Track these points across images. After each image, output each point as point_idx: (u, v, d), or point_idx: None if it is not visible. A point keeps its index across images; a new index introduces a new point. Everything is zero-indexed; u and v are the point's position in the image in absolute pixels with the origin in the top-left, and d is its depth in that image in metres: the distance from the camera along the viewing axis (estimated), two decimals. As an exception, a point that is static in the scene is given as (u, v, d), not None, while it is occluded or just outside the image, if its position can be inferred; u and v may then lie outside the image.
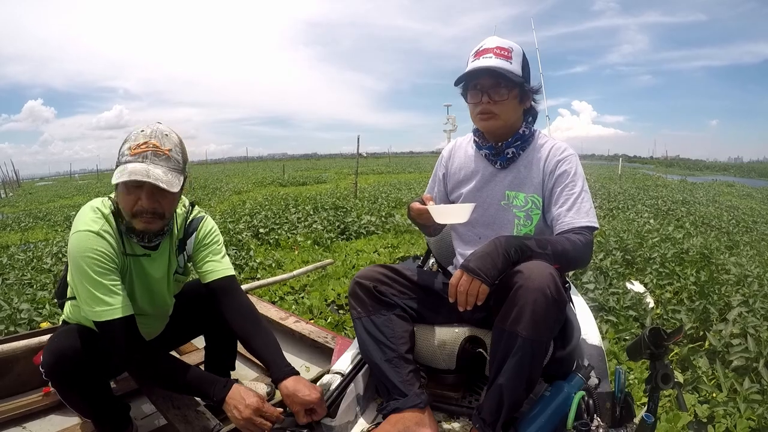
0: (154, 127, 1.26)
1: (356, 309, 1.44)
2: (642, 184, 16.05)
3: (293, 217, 7.31)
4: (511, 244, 1.22)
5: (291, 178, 20.54)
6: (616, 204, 9.55)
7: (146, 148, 1.21)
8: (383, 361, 1.37)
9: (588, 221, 1.34)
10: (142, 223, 1.29)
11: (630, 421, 1.23)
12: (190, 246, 1.49)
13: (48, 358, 1.24)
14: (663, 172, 26.26)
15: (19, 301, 3.23)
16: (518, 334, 1.15)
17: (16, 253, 5.66)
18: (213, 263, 1.48)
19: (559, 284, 1.16)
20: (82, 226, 1.25)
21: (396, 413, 1.31)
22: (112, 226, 1.29)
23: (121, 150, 1.24)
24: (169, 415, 1.41)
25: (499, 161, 1.48)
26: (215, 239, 1.52)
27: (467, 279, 1.18)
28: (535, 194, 1.44)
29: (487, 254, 1.21)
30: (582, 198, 1.37)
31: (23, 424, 1.68)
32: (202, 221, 1.51)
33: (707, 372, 2.39)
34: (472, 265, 1.19)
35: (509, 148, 1.46)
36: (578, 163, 1.44)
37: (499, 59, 1.36)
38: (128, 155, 1.21)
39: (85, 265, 1.22)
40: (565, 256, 1.26)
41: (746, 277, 3.78)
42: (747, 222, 7.93)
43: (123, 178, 1.18)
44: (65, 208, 12.43)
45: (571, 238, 1.30)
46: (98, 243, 1.24)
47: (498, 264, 1.19)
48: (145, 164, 1.20)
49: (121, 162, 1.22)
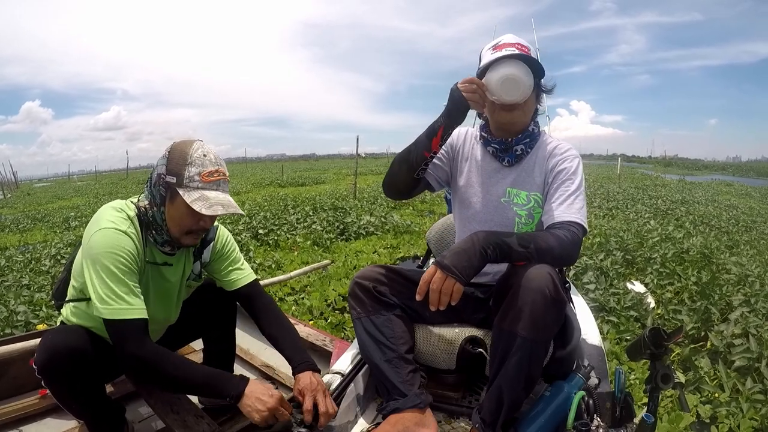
0: (212, 151, 1.29)
1: (356, 309, 1.43)
2: (641, 184, 16.07)
3: (292, 217, 7.30)
4: (489, 241, 1.18)
5: (290, 178, 20.53)
6: (615, 204, 9.56)
7: (219, 176, 1.27)
8: (383, 361, 1.36)
9: (576, 217, 1.29)
10: (192, 239, 1.35)
11: (630, 421, 1.22)
12: (207, 254, 1.52)
13: (41, 355, 1.22)
14: (661, 172, 26.30)
15: (16, 303, 3.21)
16: (517, 334, 1.14)
17: (14, 254, 5.65)
18: (237, 272, 1.55)
19: (558, 284, 1.15)
20: (108, 224, 1.24)
21: (396, 413, 1.30)
22: (137, 231, 1.30)
23: (187, 173, 1.24)
24: (167, 419, 1.39)
25: (507, 158, 1.45)
26: (233, 247, 1.58)
27: (441, 276, 1.14)
28: (537, 192, 1.42)
29: (463, 251, 1.17)
30: (576, 196, 1.34)
31: (19, 427, 1.66)
32: (218, 230, 1.55)
33: (709, 372, 2.38)
34: (446, 262, 1.15)
35: (518, 145, 1.43)
36: (579, 163, 1.41)
37: (522, 54, 1.31)
38: (200, 181, 1.25)
39: (109, 262, 1.20)
40: (549, 252, 1.21)
41: (747, 277, 3.77)
42: (746, 221, 7.93)
43: (218, 210, 1.23)
44: (64, 209, 12.42)
45: (557, 234, 1.25)
46: (125, 242, 1.24)
47: (474, 262, 1.15)
48: (221, 193, 1.28)
49: (191, 187, 1.24)
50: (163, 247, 1.37)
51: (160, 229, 1.32)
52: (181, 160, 1.25)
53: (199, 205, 1.22)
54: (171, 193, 1.26)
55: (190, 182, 1.24)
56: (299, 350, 1.43)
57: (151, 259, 1.36)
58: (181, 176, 1.24)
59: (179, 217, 1.28)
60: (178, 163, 1.25)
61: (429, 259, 2.15)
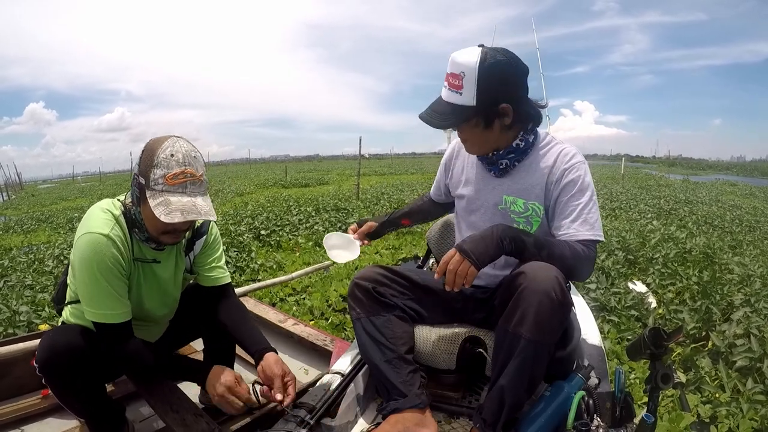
0: (182, 150, 1.22)
1: (355, 310, 1.44)
2: (644, 184, 16.01)
3: (295, 218, 7.31)
4: (506, 233, 1.21)
5: (293, 179, 20.56)
6: (618, 204, 9.53)
7: (184, 178, 1.20)
8: (383, 361, 1.37)
9: (593, 234, 1.27)
10: (171, 238, 1.34)
11: (630, 421, 1.22)
12: (198, 247, 1.52)
13: (41, 353, 1.24)
14: (665, 172, 26.21)
15: (19, 304, 3.23)
16: (522, 336, 1.14)
17: (18, 255, 5.67)
18: (220, 270, 1.56)
19: (564, 287, 1.16)
20: (93, 228, 1.24)
21: (396, 413, 1.31)
22: (123, 230, 1.30)
23: (152, 175, 1.20)
24: (167, 418, 1.40)
25: (493, 170, 1.44)
26: (220, 245, 1.59)
27: (459, 259, 1.18)
28: (536, 202, 1.37)
29: (481, 238, 1.21)
30: (589, 209, 1.29)
31: (21, 427, 1.68)
32: (210, 225, 1.55)
33: (710, 372, 2.38)
34: (465, 246, 1.19)
35: (502, 160, 1.39)
36: (587, 170, 1.34)
37: (450, 90, 1.29)
38: (164, 184, 1.19)
39: (93, 267, 1.22)
40: (561, 262, 1.21)
41: (750, 277, 3.76)
42: (750, 221, 7.89)
43: (176, 218, 1.17)
44: (68, 210, 12.48)
45: (575, 248, 1.24)
46: (108, 247, 1.24)
47: (490, 250, 1.19)
48: (188, 197, 1.21)
49: (155, 190, 1.20)
50: (149, 243, 1.37)
51: (141, 227, 1.32)
52: (149, 161, 1.21)
53: (159, 210, 1.18)
54: (142, 194, 1.24)
55: (155, 185, 1.20)
56: (256, 337, 1.46)
57: (140, 257, 1.37)
58: (148, 178, 1.21)
59: (152, 217, 1.24)
60: (146, 164, 1.22)
61: (429, 259, 2.15)
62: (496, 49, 1.27)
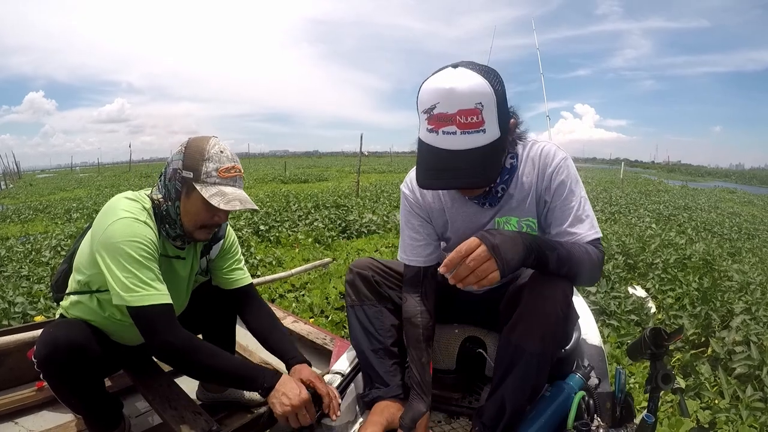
0: (228, 148, 1.31)
1: (351, 297, 1.46)
2: (644, 189, 16.03)
3: (294, 214, 7.29)
4: (533, 247, 1.04)
5: (293, 175, 20.55)
6: (617, 208, 9.54)
7: (235, 173, 1.30)
8: (369, 350, 1.41)
9: (595, 232, 1.19)
10: (205, 233, 1.36)
11: (630, 421, 1.22)
12: (215, 251, 1.53)
13: (41, 349, 1.20)
14: (665, 177, 26.24)
15: (14, 295, 3.21)
16: (526, 349, 1.13)
17: (15, 245, 5.65)
18: (239, 272, 1.58)
19: (571, 301, 1.14)
20: (125, 213, 1.23)
21: (379, 402, 1.36)
22: (154, 222, 1.31)
23: (204, 168, 1.26)
24: (165, 415, 1.38)
25: (488, 202, 1.26)
26: (237, 248, 1.61)
27: (485, 255, 0.97)
28: (529, 217, 1.26)
29: (511, 240, 1.01)
30: (584, 206, 1.20)
31: (15, 419, 1.66)
32: (228, 230, 1.57)
33: (709, 378, 2.37)
34: (496, 242, 0.98)
35: (498, 187, 1.24)
36: (571, 166, 1.22)
37: (467, 133, 1.00)
38: (218, 177, 1.26)
39: (132, 250, 1.19)
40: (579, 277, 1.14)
41: (749, 285, 3.76)
42: (749, 229, 7.90)
43: (236, 206, 1.25)
44: (66, 200, 12.42)
45: (591, 255, 1.14)
46: (146, 230, 1.24)
47: (517, 259, 1.01)
48: (238, 189, 1.30)
49: (208, 182, 1.26)
50: (175, 241, 1.37)
51: (173, 223, 1.32)
52: (198, 156, 1.26)
53: (217, 200, 1.24)
54: (187, 188, 1.28)
55: (207, 177, 1.26)
56: (292, 346, 1.46)
57: (164, 252, 1.36)
58: (198, 172, 1.26)
59: (195, 212, 1.29)
60: (195, 158, 1.26)
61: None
62: (473, 63, 1.06)
